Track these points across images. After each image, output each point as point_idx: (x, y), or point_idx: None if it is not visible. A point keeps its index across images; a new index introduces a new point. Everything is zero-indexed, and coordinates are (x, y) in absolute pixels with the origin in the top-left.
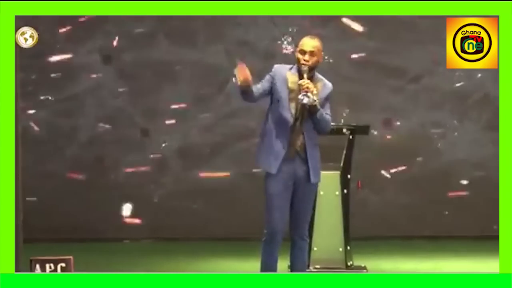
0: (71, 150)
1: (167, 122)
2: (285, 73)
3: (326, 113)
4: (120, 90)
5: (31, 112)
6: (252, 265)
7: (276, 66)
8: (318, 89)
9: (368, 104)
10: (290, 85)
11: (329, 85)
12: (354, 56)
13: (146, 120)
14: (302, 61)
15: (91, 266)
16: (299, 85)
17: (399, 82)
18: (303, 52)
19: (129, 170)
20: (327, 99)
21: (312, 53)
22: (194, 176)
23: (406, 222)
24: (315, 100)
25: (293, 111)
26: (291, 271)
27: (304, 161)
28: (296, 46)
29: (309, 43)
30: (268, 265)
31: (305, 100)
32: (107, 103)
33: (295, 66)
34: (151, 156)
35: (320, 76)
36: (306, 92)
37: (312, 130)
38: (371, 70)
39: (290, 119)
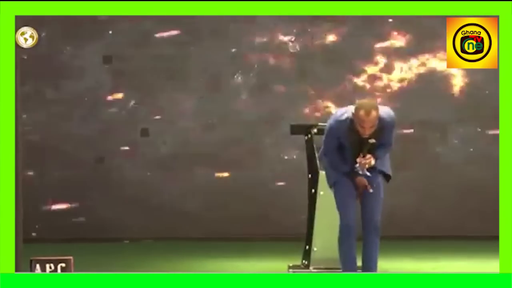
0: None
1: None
2: (346, 132)
3: (384, 145)
4: None
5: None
6: (252, 265)
7: (334, 124)
8: (380, 136)
9: None
10: (351, 143)
11: (390, 119)
12: None
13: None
14: (364, 135)
15: (91, 266)
16: (359, 162)
17: None
18: (363, 128)
19: (129, 169)
20: (391, 131)
21: (372, 127)
22: (193, 176)
23: (406, 222)
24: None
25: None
26: (363, 269)
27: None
28: (353, 114)
29: (369, 120)
30: (348, 255)
31: (360, 172)
32: None
33: (351, 118)
34: (152, 156)
35: (379, 115)
36: (363, 168)
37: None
38: None
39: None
